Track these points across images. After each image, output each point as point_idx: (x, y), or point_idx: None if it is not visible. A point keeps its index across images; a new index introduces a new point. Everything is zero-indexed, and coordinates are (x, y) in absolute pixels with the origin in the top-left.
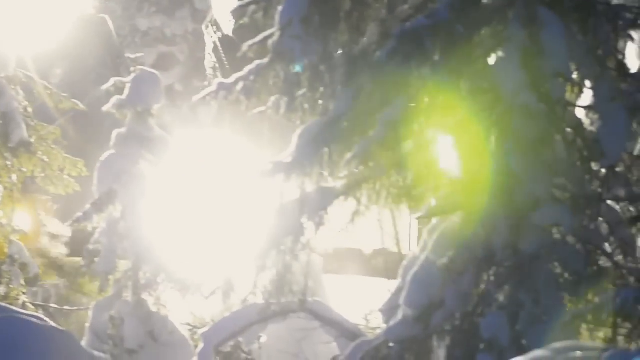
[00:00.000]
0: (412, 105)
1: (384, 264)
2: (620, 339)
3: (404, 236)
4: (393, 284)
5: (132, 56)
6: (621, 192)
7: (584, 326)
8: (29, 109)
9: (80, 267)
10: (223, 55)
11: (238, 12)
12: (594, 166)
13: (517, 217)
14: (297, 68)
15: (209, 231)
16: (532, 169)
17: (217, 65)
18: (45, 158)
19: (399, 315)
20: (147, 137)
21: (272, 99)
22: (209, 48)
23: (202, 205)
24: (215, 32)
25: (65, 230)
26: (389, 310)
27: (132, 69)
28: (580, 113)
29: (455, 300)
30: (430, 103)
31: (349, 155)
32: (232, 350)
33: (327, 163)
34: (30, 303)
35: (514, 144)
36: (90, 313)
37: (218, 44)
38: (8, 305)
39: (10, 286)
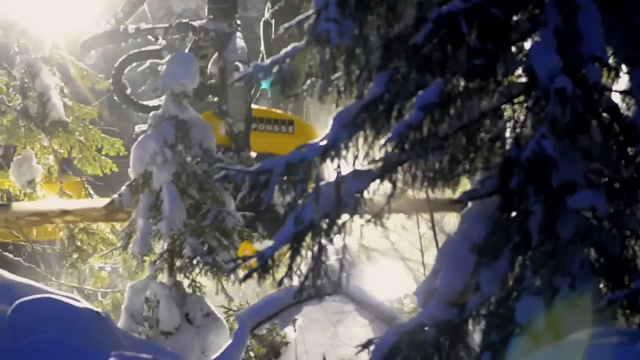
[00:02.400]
0: (448, 88)
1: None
2: None
3: (439, 219)
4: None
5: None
6: None
7: (619, 311)
8: (66, 90)
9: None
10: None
11: None
12: (630, 151)
13: (552, 201)
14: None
15: (243, 212)
16: (568, 154)
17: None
18: (82, 139)
19: (434, 299)
20: (182, 119)
21: (308, 82)
22: None
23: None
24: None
25: None
26: (424, 293)
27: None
28: (616, 98)
29: (490, 284)
30: (465, 87)
31: (384, 139)
32: (267, 333)
33: (363, 146)
34: (66, 284)
35: (549, 128)
36: (125, 294)
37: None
38: (43, 286)
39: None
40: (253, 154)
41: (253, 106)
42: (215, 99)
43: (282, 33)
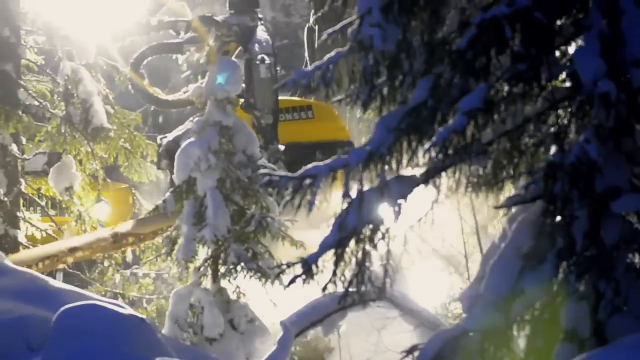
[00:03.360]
0: (492, 93)
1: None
2: None
3: (484, 225)
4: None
5: (212, 43)
6: None
7: None
8: (110, 96)
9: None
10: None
11: (318, 1)
12: None
13: (596, 206)
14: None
15: (288, 219)
16: (612, 158)
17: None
18: (127, 145)
19: (479, 305)
20: (225, 125)
21: (351, 87)
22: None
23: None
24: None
25: None
26: (469, 299)
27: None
28: None
29: (535, 289)
30: (509, 92)
31: (428, 144)
32: (312, 339)
33: (407, 151)
34: (111, 290)
35: (593, 133)
36: (170, 301)
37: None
38: (88, 293)
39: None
40: (281, 147)
41: None
42: None
43: (326, 39)
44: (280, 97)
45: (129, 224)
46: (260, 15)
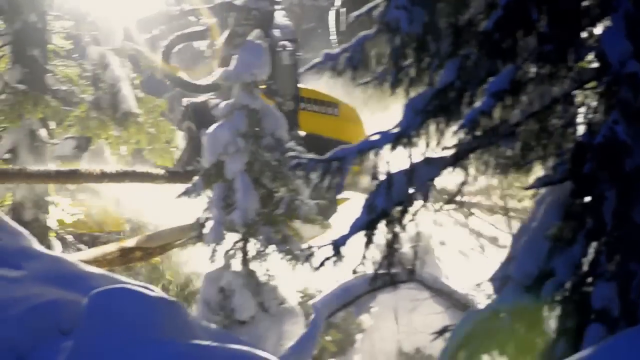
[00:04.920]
0: (519, 75)
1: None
2: None
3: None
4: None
5: (239, 29)
6: None
7: None
8: (137, 81)
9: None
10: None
11: None
12: None
13: (625, 186)
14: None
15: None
16: None
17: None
18: (152, 130)
19: (509, 286)
20: (253, 108)
21: (378, 70)
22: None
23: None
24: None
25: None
26: (499, 280)
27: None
28: None
29: (565, 270)
30: (536, 73)
31: (456, 126)
32: (343, 321)
33: (435, 133)
34: (141, 274)
35: (621, 113)
36: (200, 283)
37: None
38: (118, 276)
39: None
40: (302, 133)
41: (300, 85)
42: None
43: (353, 21)
44: (309, 87)
45: (136, 239)
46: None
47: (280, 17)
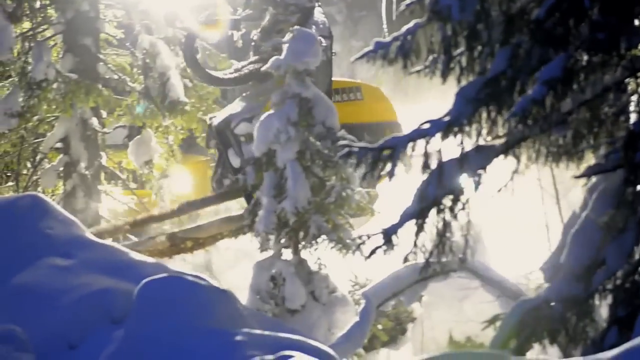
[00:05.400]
0: (571, 63)
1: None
2: None
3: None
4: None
5: (291, 17)
6: None
7: None
8: (188, 70)
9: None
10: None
11: None
12: None
13: None
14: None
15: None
16: None
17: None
18: (205, 118)
19: (560, 275)
20: (305, 97)
21: (429, 58)
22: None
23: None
24: None
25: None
26: (550, 269)
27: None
28: None
29: (616, 258)
30: (588, 61)
31: (508, 114)
32: (393, 310)
33: (486, 122)
34: (193, 262)
35: None
36: (251, 272)
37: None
38: (169, 265)
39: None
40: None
41: None
42: None
43: (404, 10)
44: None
45: (187, 229)
46: None
47: (317, 13)
